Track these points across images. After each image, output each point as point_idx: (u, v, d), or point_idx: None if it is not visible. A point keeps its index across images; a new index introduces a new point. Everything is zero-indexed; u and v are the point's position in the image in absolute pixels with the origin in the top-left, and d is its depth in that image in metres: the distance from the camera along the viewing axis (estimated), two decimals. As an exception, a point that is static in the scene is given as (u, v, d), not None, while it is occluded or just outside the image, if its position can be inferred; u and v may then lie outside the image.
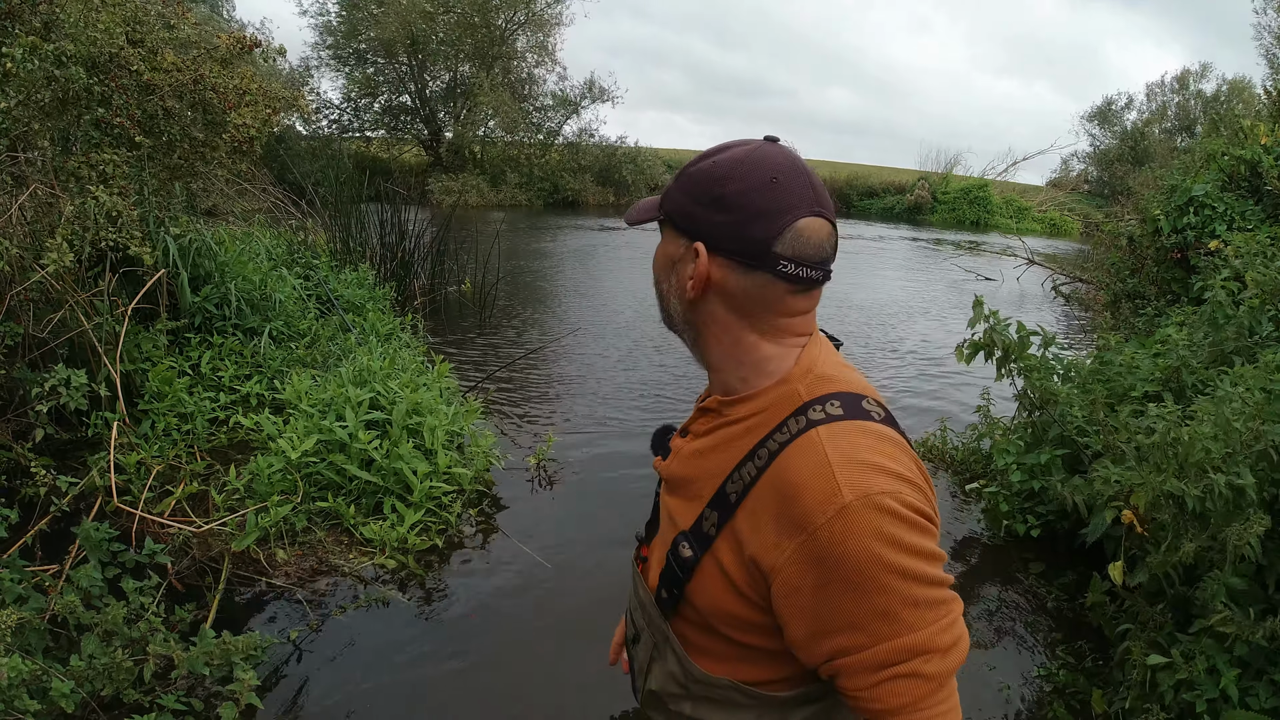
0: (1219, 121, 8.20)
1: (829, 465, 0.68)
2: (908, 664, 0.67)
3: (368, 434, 2.93)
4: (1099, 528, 2.45)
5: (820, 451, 0.69)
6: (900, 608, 0.66)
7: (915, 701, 0.67)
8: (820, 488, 0.68)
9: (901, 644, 0.66)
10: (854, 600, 0.67)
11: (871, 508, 0.66)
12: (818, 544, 0.67)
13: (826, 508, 0.67)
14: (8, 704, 1.53)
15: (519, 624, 2.48)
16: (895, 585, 0.66)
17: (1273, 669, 1.71)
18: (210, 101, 3.42)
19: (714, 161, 0.75)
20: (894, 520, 0.67)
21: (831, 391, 0.75)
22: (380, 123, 21.61)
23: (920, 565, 0.67)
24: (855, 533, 0.66)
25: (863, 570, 0.66)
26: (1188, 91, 25.94)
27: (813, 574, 0.68)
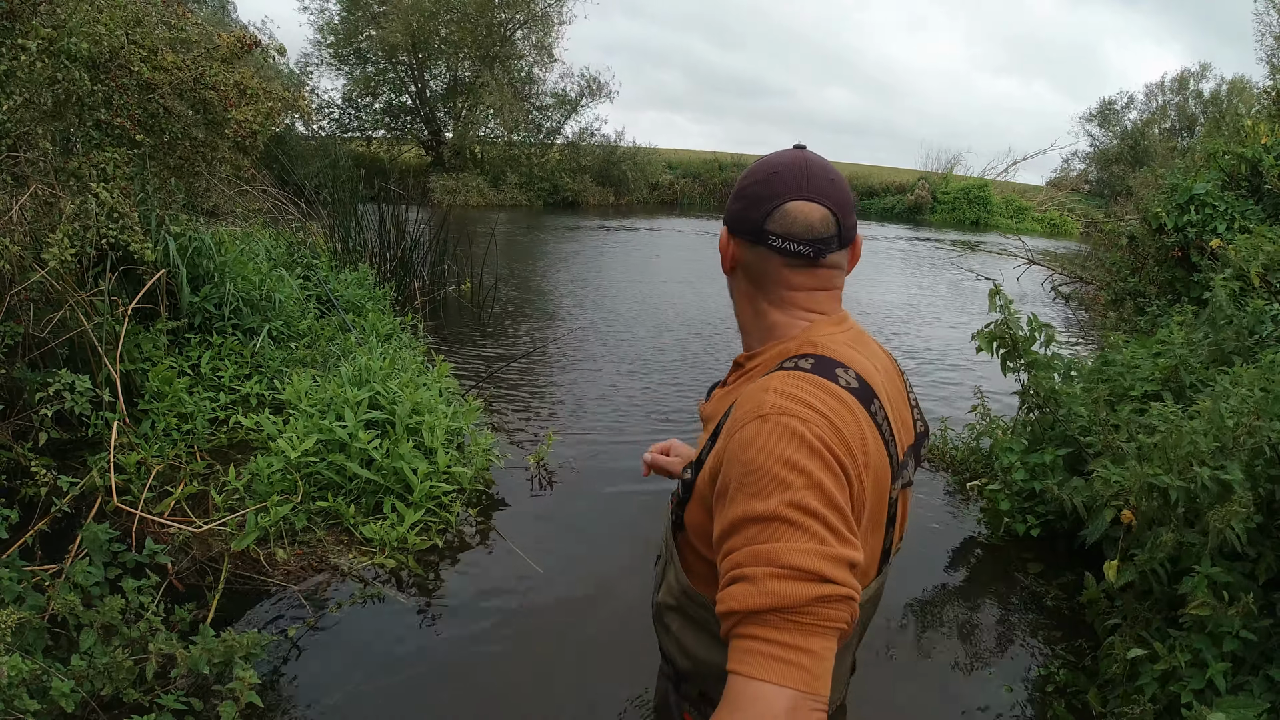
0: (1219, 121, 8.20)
1: (767, 391, 0.78)
2: (752, 569, 0.67)
3: (367, 434, 2.93)
4: (1099, 528, 2.45)
5: (767, 384, 0.80)
6: (772, 518, 0.68)
7: (746, 611, 0.66)
8: (751, 405, 0.78)
9: (756, 549, 0.68)
10: (741, 501, 0.71)
11: (779, 425, 0.73)
12: (734, 446, 0.76)
13: (748, 417, 0.76)
14: (7, 703, 1.53)
15: (518, 623, 2.48)
16: (773, 494, 0.69)
17: (1268, 665, 1.71)
18: (210, 100, 3.42)
19: (755, 167, 0.91)
20: (796, 441, 0.72)
21: (814, 353, 0.85)
22: (380, 122, 21.61)
23: (804, 490, 0.69)
24: (757, 439, 0.73)
25: (752, 473, 0.71)
26: (1187, 92, 25.94)
27: (725, 474, 0.75)
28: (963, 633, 2.60)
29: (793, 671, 0.63)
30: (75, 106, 3.06)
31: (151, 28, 3.28)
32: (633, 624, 2.50)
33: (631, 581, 2.67)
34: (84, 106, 3.06)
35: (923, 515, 3.38)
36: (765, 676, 0.63)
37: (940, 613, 2.71)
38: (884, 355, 0.97)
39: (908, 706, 2.23)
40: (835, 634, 0.66)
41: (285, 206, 6.59)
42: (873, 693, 2.23)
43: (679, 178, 23.96)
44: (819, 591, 0.65)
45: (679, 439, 1.30)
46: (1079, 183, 27.99)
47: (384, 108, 21.42)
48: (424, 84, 21.14)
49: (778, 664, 0.63)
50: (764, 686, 0.62)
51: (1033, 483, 3.06)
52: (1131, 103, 27.43)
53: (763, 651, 0.64)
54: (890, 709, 2.21)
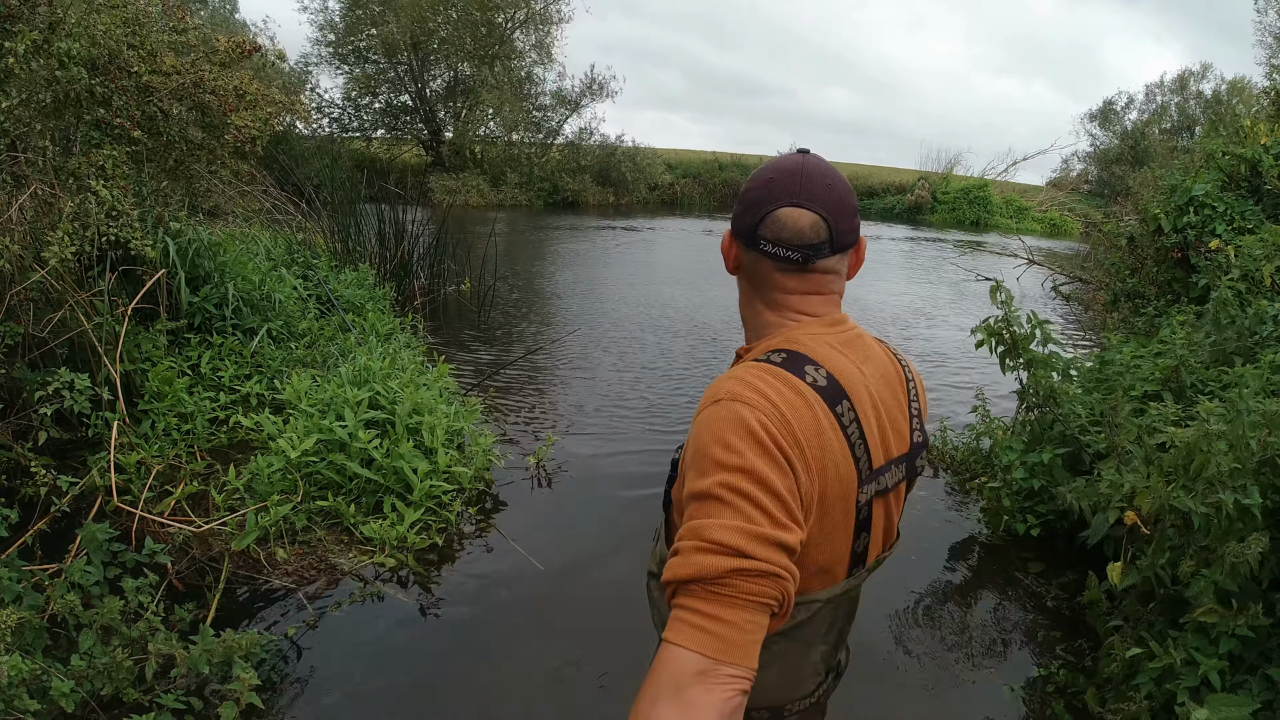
0: (1218, 121, 8.21)
1: (729, 379, 0.83)
2: (684, 543, 0.72)
3: (367, 433, 2.93)
4: (1100, 529, 2.44)
5: (733, 372, 0.85)
6: (705, 494, 0.73)
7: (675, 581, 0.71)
8: (711, 391, 0.83)
9: (691, 525, 0.73)
10: (689, 479, 0.77)
11: (728, 410, 0.78)
12: (693, 428, 0.81)
13: (706, 401, 0.82)
14: (7, 703, 1.53)
15: (518, 623, 2.48)
16: (710, 473, 0.74)
17: (1267, 664, 1.71)
18: (209, 104, 3.42)
19: (756, 172, 0.93)
20: (738, 426, 0.76)
21: (791, 349, 0.88)
22: (380, 122, 21.61)
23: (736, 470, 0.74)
24: (707, 422, 0.78)
25: (699, 453, 0.77)
26: (1187, 92, 25.94)
27: (686, 454, 0.81)
28: (963, 632, 2.60)
29: (705, 638, 0.67)
30: (74, 106, 3.06)
31: (151, 30, 3.28)
32: (634, 622, 2.50)
33: (632, 580, 2.67)
34: (83, 106, 3.06)
35: (923, 515, 3.38)
36: (680, 641, 0.67)
37: (940, 612, 2.71)
38: (887, 362, 0.98)
39: (907, 705, 2.23)
40: (758, 608, 0.70)
41: (285, 207, 6.60)
42: (872, 691, 2.23)
43: (679, 178, 23.96)
44: (735, 564, 0.70)
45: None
46: (1079, 183, 27.99)
47: (384, 107, 21.42)
48: (424, 83, 21.14)
49: (693, 630, 0.68)
50: (679, 650, 0.67)
51: (1032, 481, 3.06)
52: (1132, 103, 27.45)
53: (682, 619, 0.69)
54: (890, 707, 2.21)
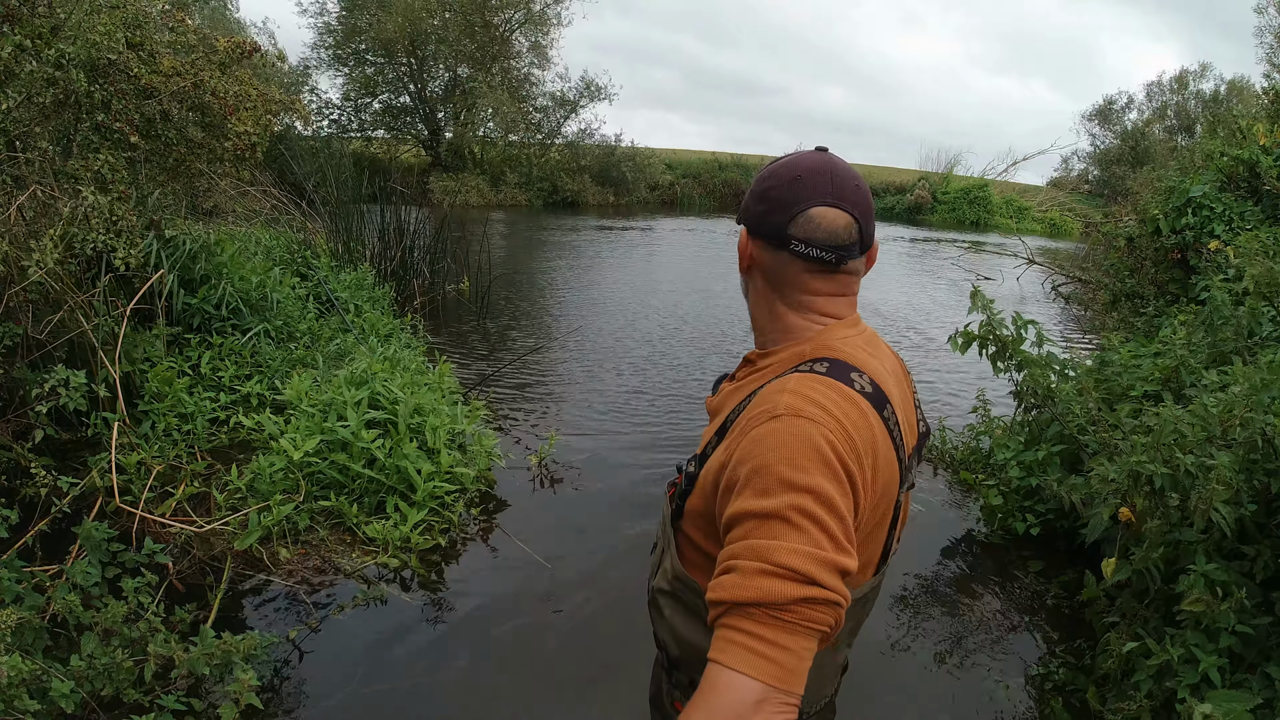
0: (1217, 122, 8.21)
1: (783, 392, 0.79)
2: (745, 562, 0.68)
3: (370, 433, 2.93)
4: (1098, 527, 2.45)
5: (785, 383, 0.81)
6: (771, 517, 0.70)
7: (731, 602, 0.67)
8: (767, 405, 0.79)
9: (751, 543, 0.69)
10: (746, 496, 0.73)
11: (793, 426, 0.75)
12: (746, 442, 0.77)
13: (763, 416, 0.78)
14: (7, 704, 1.53)
15: (521, 623, 2.48)
16: (776, 493, 0.70)
17: (1266, 662, 1.71)
18: (210, 106, 3.42)
19: (771, 168, 0.91)
20: (807, 445, 0.73)
21: (830, 356, 0.86)
22: (380, 122, 21.61)
23: (806, 493, 0.71)
24: (770, 438, 0.75)
25: (760, 471, 0.73)
26: (1187, 92, 25.96)
27: (735, 470, 0.77)
28: (962, 630, 2.60)
29: (768, 666, 0.64)
30: (74, 107, 3.06)
31: (151, 32, 3.28)
32: (635, 623, 2.50)
33: (634, 581, 2.68)
34: (82, 109, 3.06)
35: (923, 514, 3.39)
36: (741, 667, 0.64)
37: (940, 610, 2.71)
38: (893, 357, 0.99)
39: (906, 703, 2.24)
40: (816, 635, 0.68)
41: (286, 207, 6.60)
42: (872, 689, 2.24)
43: (679, 178, 23.95)
44: (804, 593, 0.66)
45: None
46: (1079, 183, 28.00)
47: (383, 108, 21.42)
48: (423, 84, 21.13)
49: (755, 657, 0.65)
50: (738, 677, 0.64)
51: (1029, 479, 3.06)
52: (1132, 102, 27.46)
53: (742, 643, 0.66)
54: (889, 705, 2.22)
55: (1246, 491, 1.85)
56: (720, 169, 24.74)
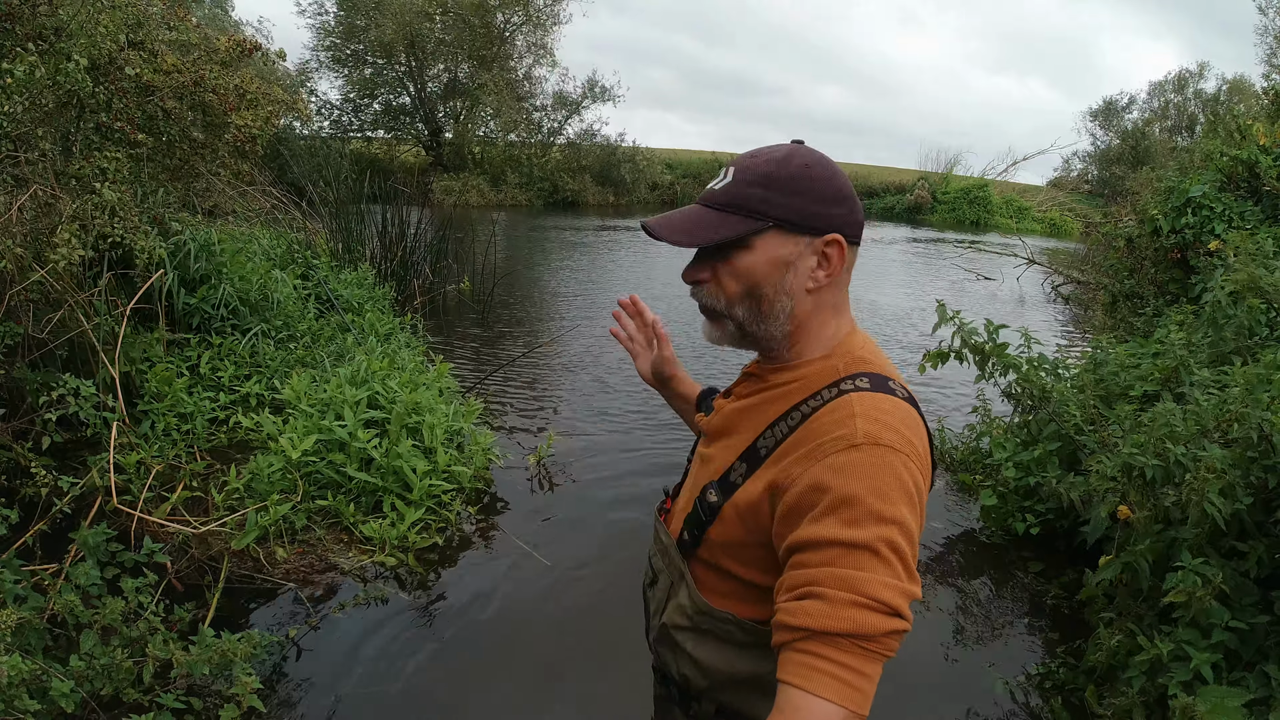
0: (1217, 122, 8.21)
1: (854, 415, 0.77)
2: (832, 591, 0.68)
3: (367, 433, 2.93)
4: (1099, 527, 2.45)
5: (849, 406, 0.79)
6: (859, 548, 0.69)
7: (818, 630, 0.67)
8: (841, 431, 0.77)
9: (839, 573, 0.69)
10: (825, 524, 0.72)
11: (877, 456, 0.74)
12: (821, 471, 0.75)
13: (839, 443, 0.76)
14: (8, 704, 1.54)
15: (519, 622, 2.48)
16: (866, 525, 0.70)
17: (1265, 661, 1.71)
18: (210, 103, 3.43)
19: (808, 165, 0.85)
20: (893, 478, 0.73)
21: (864, 370, 0.84)
22: (380, 123, 21.62)
23: (892, 527, 0.71)
24: (854, 469, 0.73)
25: (847, 501, 0.72)
26: (1187, 91, 25.96)
27: (808, 498, 0.75)
28: (962, 629, 2.60)
29: (852, 693, 0.67)
30: (76, 108, 3.06)
31: (152, 30, 3.28)
32: (634, 622, 2.50)
33: (632, 580, 2.67)
34: (84, 109, 3.06)
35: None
36: (828, 695, 0.66)
37: (941, 609, 2.72)
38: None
39: (907, 701, 2.24)
40: (885, 660, 0.70)
41: (286, 207, 6.60)
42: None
43: (679, 178, 23.95)
44: (892, 626, 0.68)
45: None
46: (1079, 183, 27.99)
47: (383, 108, 21.42)
48: (423, 84, 21.14)
49: (840, 685, 0.67)
50: (824, 704, 0.66)
51: (1026, 479, 3.06)
52: (1132, 102, 27.47)
53: (828, 671, 0.67)
54: (889, 704, 2.22)
55: (1242, 486, 1.85)
56: (720, 169, 24.68)
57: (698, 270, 0.89)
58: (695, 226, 0.85)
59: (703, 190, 0.91)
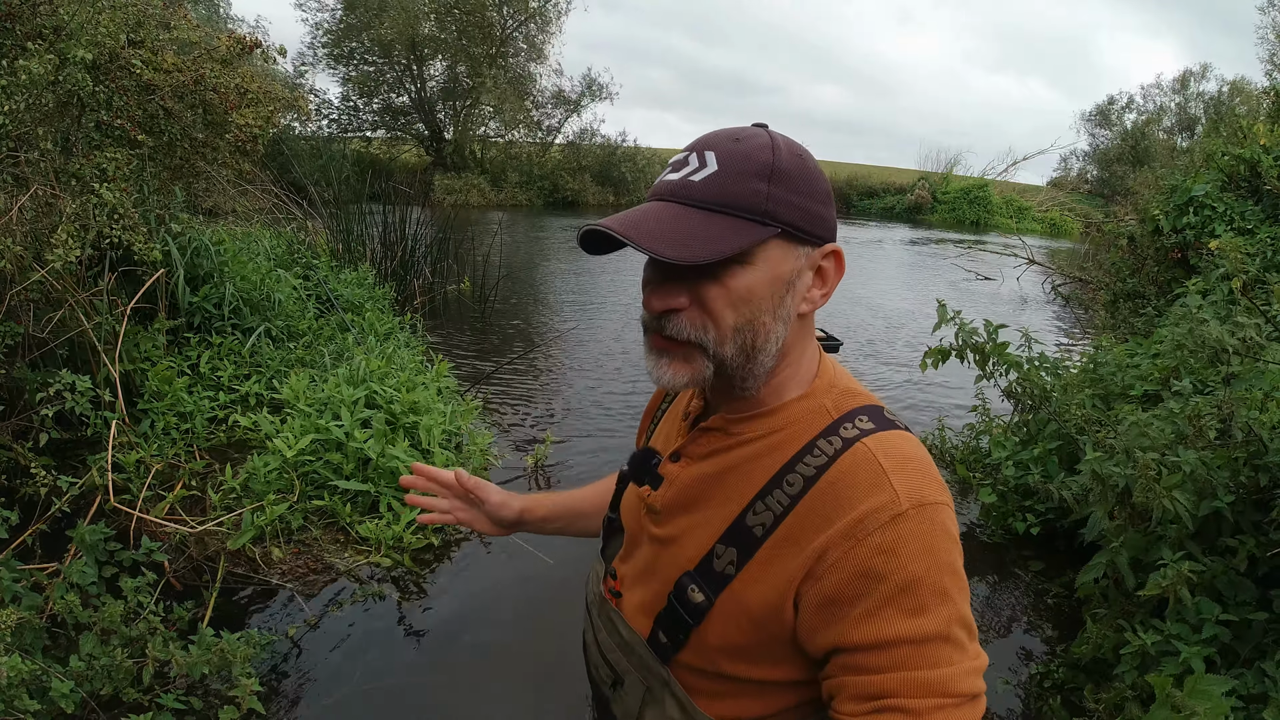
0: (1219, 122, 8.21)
1: (883, 472, 0.64)
2: (914, 701, 0.60)
3: (363, 433, 2.93)
4: (1096, 526, 2.45)
5: (872, 460, 0.65)
6: (930, 637, 0.61)
7: None
8: (877, 495, 0.63)
9: (917, 678, 0.60)
10: (886, 618, 0.61)
11: (927, 521, 0.62)
12: (866, 551, 0.62)
13: (882, 514, 0.62)
14: (7, 704, 1.54)
15: (517, 623, 2.48)
16: (934, 610, 0.61)
17: (1262, 659, 1.71)
18: (211, 102, 3.43)
19: (801, 155, 0.68)
20: (946, 538, 0.63)
21: (858, 406, 0.71)
22: (380, 122, 21.63)
23: (959, 596, 0.62)
24: (908, 545, 0.61)
25: (908, 587, 0.61)
26: (1188, 92, 25.97)
27: (854, 585, 0.62)
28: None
29: None
30: (76, 107, 3.06)
31: (152, 29, 3.28)
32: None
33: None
34: (85, 108, 3.06)
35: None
36: None
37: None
38: None
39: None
40: None
41: (286, 206, 6.60)
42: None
43: (679, 178, 23.93)
44: (977, 712, 0.62)
45: None
46: (1079, 183, 27.99)
47: (383, 107, 21.43)
48: (423, 83, 21.14)
49: None
50: None
51: (1025, 478, 3.06)
52: (1131, 103, 27.47)
53: None
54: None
55: (1225, 486, 1.85)
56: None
57: (672, 294, 0.67)
58: (685, 234, 0.63)
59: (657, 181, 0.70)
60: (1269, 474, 1.81)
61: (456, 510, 1.04)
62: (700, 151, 0.67)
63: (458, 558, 2.82)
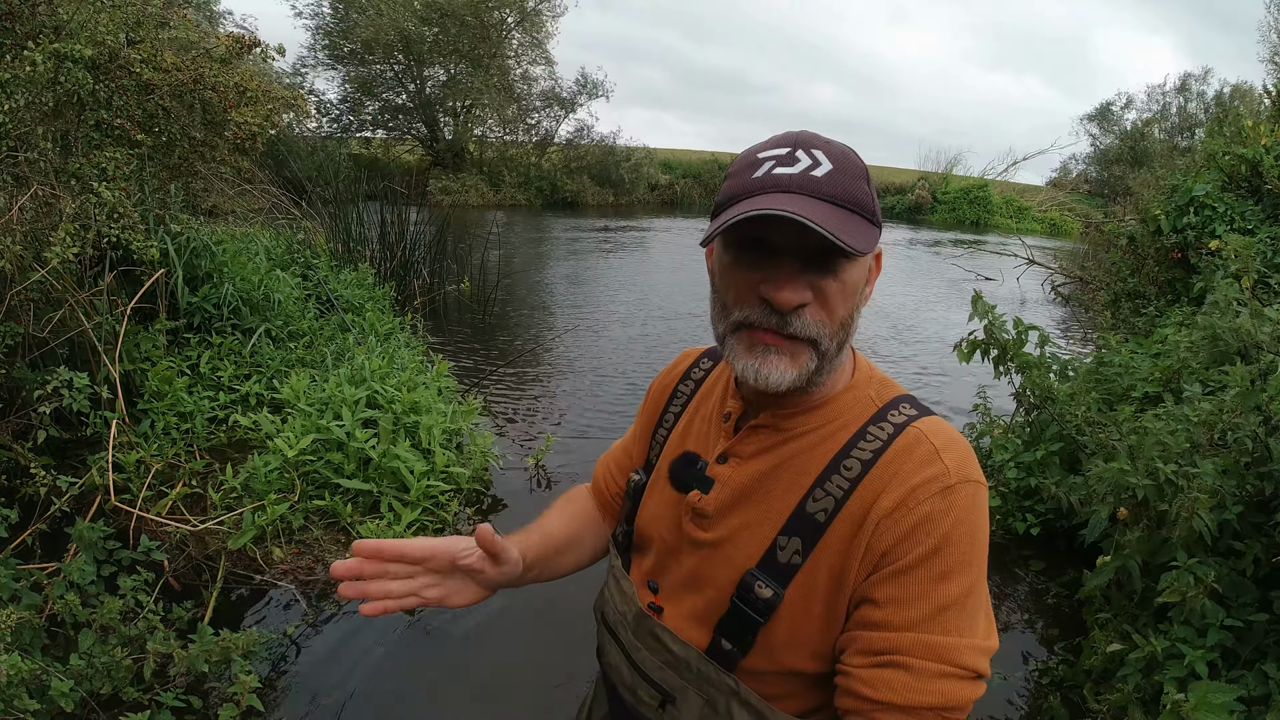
0: (1221, 122, 8.21)
1: (936, 451, 0.68)
2: (919, 661, 0.62)
3: (364, 433, 2.93)
4: (1097, 527, 2.45)
5: (925, 439, 0.69)
6: (950, 604, 0.63)
7: (905, 705, 0.61)
8: (930, 469, 0.67)
9: (926, 640, 0.63)
10: (914, 577, 0.64)
11: (970, 496, 0.66)
12: (915, 518, 0.65)
13: (933, 485, 0.66)
14: (7, 703, 1.53)
15: (517, 624, 2.48)
16: (960, 578, 0.64)
17: (1263, 660, 1.71)
18: (210, 101, 3.42)
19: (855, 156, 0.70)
20: (983, 517, 0.67)
21: (898, 395, 0.76)
22: (379, 122, 21.62)
23: (981, 576, 0.66)
24: (952, 513, 0.65)
25: (941, 551, 0.64)
26: (1188, 93, 25.98)
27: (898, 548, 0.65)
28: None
29: None
30: (76, 107, 3.06)
31: (151, 28, 3.28)
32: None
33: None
34: (84, 107, 3.06)
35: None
36: None
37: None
38: None
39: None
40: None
41: (286, 207, 6.60)
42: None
43: (679, 178, 23.96)
44: (978, 692, 0.64)
45: None
46: (1079, 183, 28.00)
47: (381, 107, 21.43)
48: (421, 84, 21.14)
49: None
50: None
51: (1028, 480, 3.06)
52: (1131, 103, 27.49)
53: None
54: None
55: (1232, 495, 1.85)
56: (721, 169, 24.75)
57: (800, 289, 0.66)
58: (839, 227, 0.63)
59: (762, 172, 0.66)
60: (1273, 482, 1.81)
61: (424, 590, 0.78)
62: (806, 149, 0.68)
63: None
